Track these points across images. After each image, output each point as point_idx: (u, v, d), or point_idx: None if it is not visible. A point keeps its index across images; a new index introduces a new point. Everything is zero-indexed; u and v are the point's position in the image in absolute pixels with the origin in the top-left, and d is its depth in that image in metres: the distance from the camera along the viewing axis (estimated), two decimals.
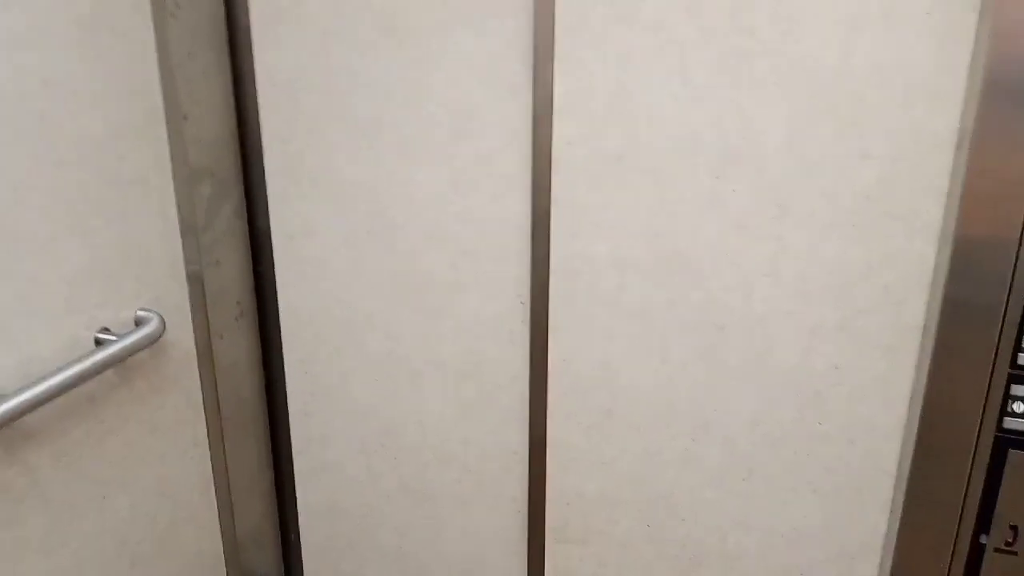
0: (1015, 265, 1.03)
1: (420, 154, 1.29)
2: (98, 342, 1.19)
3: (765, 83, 1.09)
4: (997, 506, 1.15)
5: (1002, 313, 1.05)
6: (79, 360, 1.11)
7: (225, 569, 1.54)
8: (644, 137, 1.16)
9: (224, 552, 1.53)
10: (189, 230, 1.31)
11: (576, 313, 1.28)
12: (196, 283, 1.34)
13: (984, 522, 1.17)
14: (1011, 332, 1.06)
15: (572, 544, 1.43)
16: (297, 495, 1.64)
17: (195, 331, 1.37)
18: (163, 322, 1.24)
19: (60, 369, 1.08)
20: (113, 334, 1.20)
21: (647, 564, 1.39)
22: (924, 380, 1.12)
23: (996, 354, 1.08)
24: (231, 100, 1.35)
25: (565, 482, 1.39)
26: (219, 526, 1.51)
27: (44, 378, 1.06)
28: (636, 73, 1.14)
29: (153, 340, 1.22)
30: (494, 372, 1.37)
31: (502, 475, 1.44)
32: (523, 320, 1.32)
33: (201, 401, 1.41)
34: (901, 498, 1.19)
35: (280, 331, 1.51)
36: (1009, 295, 1.05)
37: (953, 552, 1.19)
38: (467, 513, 1.50)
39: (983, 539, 1.17)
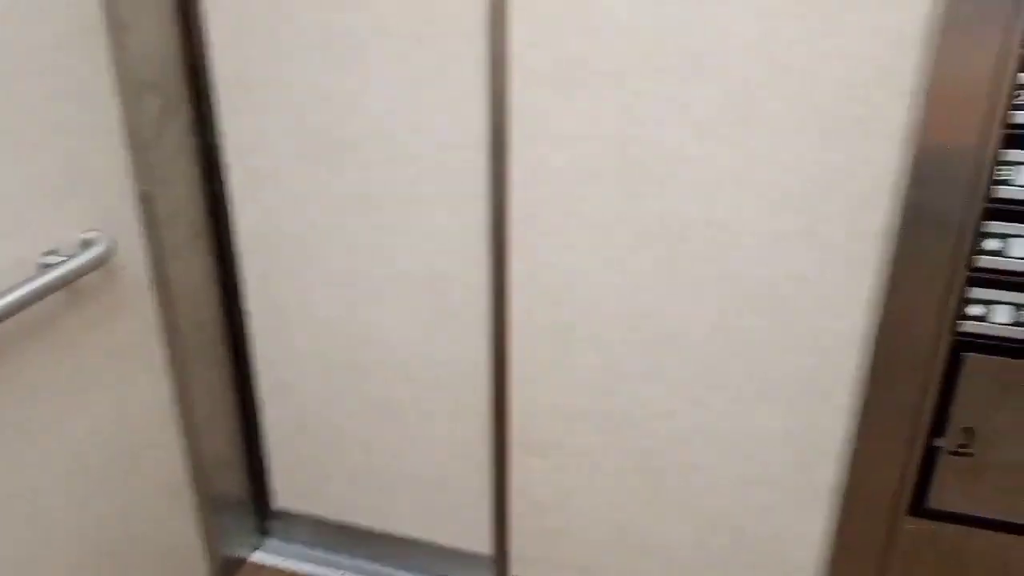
0: (974, 169, 1.03)
1: (372, 62, 1.24)
2: (45, 265, 1.15)
3: None
4: (952, 409, 1.17)
5: (960, 217, 1.05)
6: (24, 283, 1.08)
7: (192, 492, 1.54)
8: (605, 38, 1.12)
9: (192, 476, 1.53)
10: (137, 147, 1.27)
11: (537, 225, 1.26)
12: (147, 203, 1.30)
13: (939, 426, 1.19)
14: (969, 236, 1.06)
15: (535, 456, 1.44)
16: (263, 416, 1.63)
17: (148, 252, 1.34)
18: (113, 243, 1.22)
19: (5, 292, 1.05)
20: (60, 256, 1.16)
21: (609, 474, 1.41)
22: (884, 287, 1.12)
23: (954, 258, 1.08)
24: (174, 8, 1.29)
25: (528, 395, 1.39)
26: (183, 450, 1.50)
27: None
28: None
29: (102, 262, 1.19)
30: (455, 287, 1.36)
31: (465, 388, 1.44)
32: (483, 233, 1.30)
33: (157, 324, 1.39)
34: (860, 405, 1.21)
35: (237, 251, 1.48)
36: (968, 199, 1.04)
37: (909, 456, 1.22)
38: (432, 427, 1.50)
39: (938, 442, 1.20)
